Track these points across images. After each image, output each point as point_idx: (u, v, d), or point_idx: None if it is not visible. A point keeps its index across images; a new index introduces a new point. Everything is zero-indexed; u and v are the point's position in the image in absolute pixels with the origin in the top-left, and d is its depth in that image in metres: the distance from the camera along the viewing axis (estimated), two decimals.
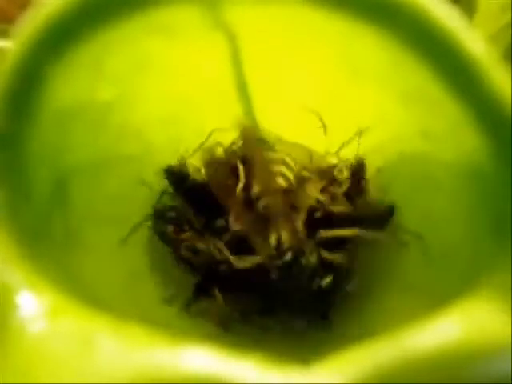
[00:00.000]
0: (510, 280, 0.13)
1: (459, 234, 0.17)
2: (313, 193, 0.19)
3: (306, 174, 0.20)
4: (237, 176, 0.19)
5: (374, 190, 0.20)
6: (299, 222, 0.18)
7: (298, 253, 0.18)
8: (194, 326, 0.19)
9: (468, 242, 0.16)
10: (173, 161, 0.20)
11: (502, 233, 0.14)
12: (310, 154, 0.20)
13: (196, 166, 0.20)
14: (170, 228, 0.20)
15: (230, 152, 0.20)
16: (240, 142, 0.20)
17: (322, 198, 0.19)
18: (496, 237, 0.14)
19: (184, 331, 0.18)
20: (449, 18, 0.13)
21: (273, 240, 0.18)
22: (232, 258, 0.18)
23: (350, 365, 0.12)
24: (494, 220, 0.15)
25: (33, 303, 0.13)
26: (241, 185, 0.19)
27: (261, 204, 0.18)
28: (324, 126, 0.20)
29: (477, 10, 0.22)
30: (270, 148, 0.20)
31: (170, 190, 0.20)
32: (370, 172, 0.20)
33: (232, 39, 0.17)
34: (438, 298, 0.14)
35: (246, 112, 0.20)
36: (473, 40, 0.13)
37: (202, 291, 0.19)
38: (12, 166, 0.14)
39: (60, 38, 0.14)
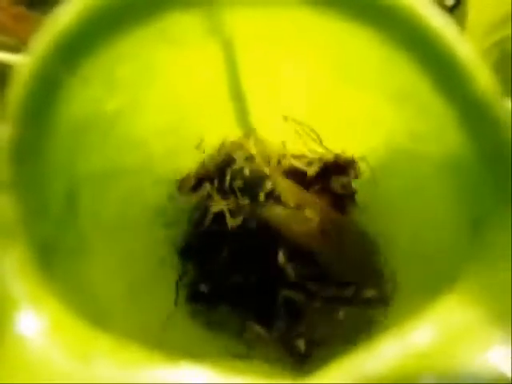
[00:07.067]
0: (484, 283, 0.13)
1: (444, 233, 0.17)
2: None
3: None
4: None
5: None
6: None
7: None
8: (196, 337, 0.19)
9: (450, 241, 0.17)
10: (172, 172, 0.20)
11: (478, 233, 0.14)
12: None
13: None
14: None
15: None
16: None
17: None
18: (473, 237, 0.15)
19: (186, 342, 0.19)
20: (438, 22, 0.13)
21: None
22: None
23: (334, 376, 0.12)
24: (473, 219, 0.15)
25: (33, 318, 0.13)
26: None
27: None
28: (317, 134, 0.20)
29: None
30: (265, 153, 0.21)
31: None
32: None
33: (229, 48, 0.17)
34: (427, 296, 0.14)
35: (243, 120, 0.20)
36: (460, 43, 0.13)
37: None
38: (28, 180, 0.14)
39: (73, 52, 0.14)
